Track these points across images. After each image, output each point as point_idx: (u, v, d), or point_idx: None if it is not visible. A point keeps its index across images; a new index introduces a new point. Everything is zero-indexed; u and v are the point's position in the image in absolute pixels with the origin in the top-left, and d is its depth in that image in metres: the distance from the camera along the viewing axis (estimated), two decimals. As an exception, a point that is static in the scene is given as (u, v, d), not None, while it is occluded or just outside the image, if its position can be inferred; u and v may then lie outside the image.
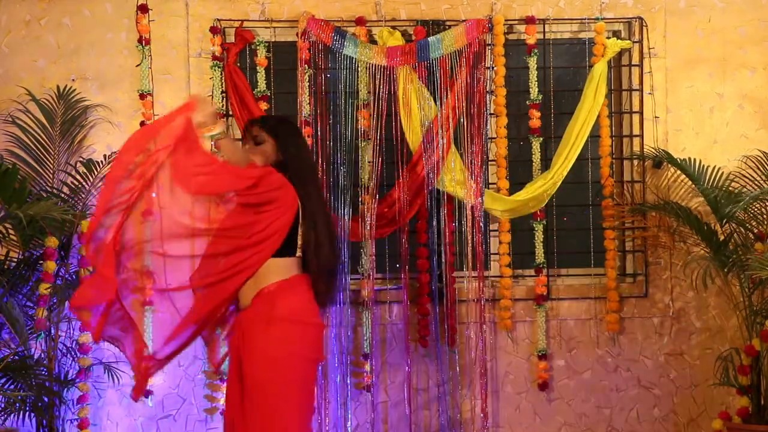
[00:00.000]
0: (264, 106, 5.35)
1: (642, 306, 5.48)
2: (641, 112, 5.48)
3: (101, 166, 5.17)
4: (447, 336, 5.34)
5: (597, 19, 5.44)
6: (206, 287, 3.71)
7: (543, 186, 5.33)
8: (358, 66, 5.36)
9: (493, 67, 5.40)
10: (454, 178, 5.33)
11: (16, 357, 4.90)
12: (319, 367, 5.34)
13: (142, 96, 5.35)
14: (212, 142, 3.69)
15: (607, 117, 5.40)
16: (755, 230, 5.09)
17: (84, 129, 5.35)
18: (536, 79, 5.40)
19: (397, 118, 5.32)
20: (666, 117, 5.49)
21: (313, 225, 3.71)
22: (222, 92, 5.35)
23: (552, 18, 5.47)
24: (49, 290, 4.89)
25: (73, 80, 5.37)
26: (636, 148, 5.48)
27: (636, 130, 5.49)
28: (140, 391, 3.82)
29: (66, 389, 5.02)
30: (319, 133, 5.36)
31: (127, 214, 3.56)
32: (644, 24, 5.47)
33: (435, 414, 5.39)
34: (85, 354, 5.07)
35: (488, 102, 5.41)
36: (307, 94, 5.35)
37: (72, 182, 5.17)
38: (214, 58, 5.33)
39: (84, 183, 5.15)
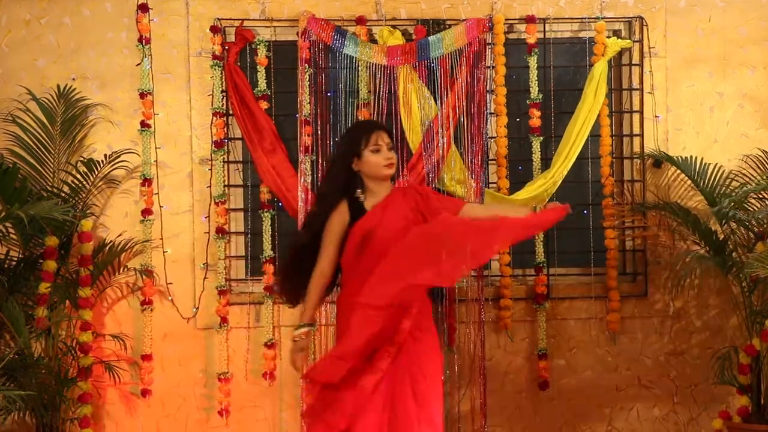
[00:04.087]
0: (264, 105, 5.35)
1: (642, 305, 5.48)
2: (641, 112, 5.48)
3: (101, 165, 5.18)
4: (446, 335, 5.34)
5: (597, 18, 5.44)
6: None
7: (543, 185, 5.32)
8: (358, 65, 5.36)
9: (493, 67, 5.40)
10: (454, 177, 5.33)
11: (17, 356, 4.90)
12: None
13: (142, 95, 5.35)
14: None
15: (608, 116, 5.40)
16: (755, 230, 5.08)
17: (84, 128, 5.35)
18: (536, 78, 5.40)
19: (398, 118, 5.32)
20: (666, 116, 5.49)
21: None
22: (222, 91, 5.35)
23: (552, 17, 5.46)
24: (49, 289, 4.90)
25: (74, 79, 5.37)
26: (636, 148, 5.47)
27: (636, 130, 5.49)
28: None
29: (66, 388, 5.03)
30: (319, 132, 5.36)
31: None
32: (644, 23, 5.47)
33: (435, 413, 5.38)
34: (86, 353, 5.07)
35: (488, 101, 5.41)
36: (308, 93, 5.35)
37: (72, 181, 5.17)
38: (215, 57, 5.33)
39: (84, 182, 5.16)
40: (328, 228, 4.01)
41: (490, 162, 5.44)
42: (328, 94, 5.41)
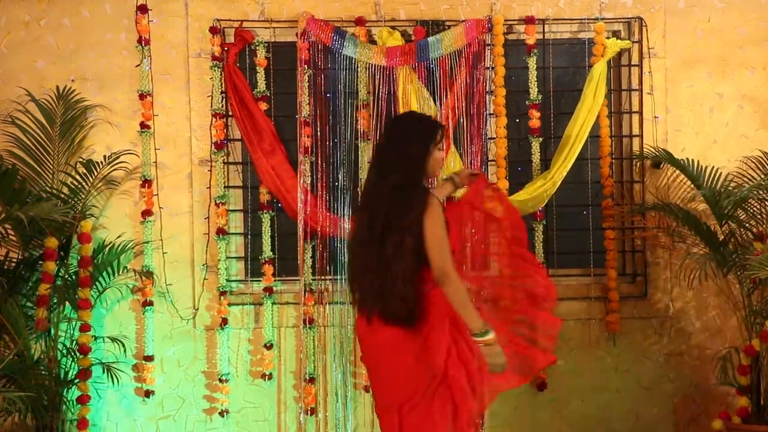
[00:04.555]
0: (263, 106, 5.35)
1: (641, 306, 5.48)
2: (641, 112, 5.47)
3: (101, 166, 5.17)
4: (446, 336, 5.34)
5: (596, 19, 5.44)
6: None
7: (542, 186, 5.32)
8: (357, 66, 5.36)
9: (492, 67, 5.40)
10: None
11: (16, 357, 4.90)
12: (316, 368, 5.35)
13: (141, 96, 5.35)
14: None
15: (607, 117, 5.40)
16: (754, 230, 5.08)
17: (83, 129, 5.35)
18: (536, 79, 5.40)
19: (397, 119, 5.32)
20: (665, 117, 5.49)
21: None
22: (221, 92, 5.35)
23: (551, 18, 5.46)
24: (48, 291, 4.90)
25: (73, 81, 5.37)
26: (635, 148, 5.47)
27: (636, 130, 5.49)
28: None
29: (66, 389, 5.03)
30: (318, 133, 5.36)
31: None
32: (644, 24, 5.46)
33: (435, 414, 5.38)
34: (85, 354, 5.07)
35: (488, 102, 5.41)
36: (307, 94, 5.35)
37: (72, 183, 5.17)
38: (214, 58, 5.33)
39: (84, 183, 5.16)
40: (441, 224, 3.65)
41: (489, 163, 5.44)
42: (327, 95, 5.41)
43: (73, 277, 5.10)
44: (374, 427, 5.36)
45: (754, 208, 5.08)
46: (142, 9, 5.34)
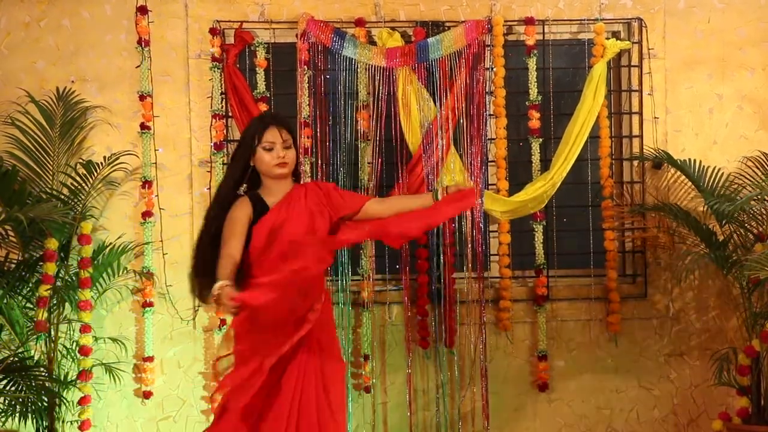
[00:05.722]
0: (263, 107, 5.34)
1: (641, 307, 5.48)
2: (641, 113, 5.48)
3: (101, 167, 5.17)
4: (446, 337, 5.35)
5: (596, 20, 5.44)
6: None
7: (542, 187, 5.33)
8: (357, 67, 5.36)
9: (492, 68, 5.40)
10: (453, 179, 5.33)
11: (16, 358, 4.90)
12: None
13: (141, 97, 5.35)
14: None
15: (607, 118, 5.40)
16: (755, 231, 5.09)
17: (83, 130, 5.35)
18: (536, 80, 5.40)
19: (397, 119, 5.32)
20: (665, 118, 5.49)
21: None
22: (221, 93, 5.35)
23: (551, 19, 5.46)
24: (49, 292, 4.90)
25: (73, 82, 5.37)
26: (635, 149, 5.48)
27: (635, 131, 5.49)
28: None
29: (66, 390, 5.03)
30: (318, 134, 5.36)
31: None
32: (643, 25, 5.47)
33: (435, 415, 5.39)
34: (86, 355, 5.07)
35: (488, 103, 5.41)
36: (307, 95, 5.35)
37: (72, 184, 5.17)
38: (214, 59, 5.33)
39: (84, 184, 5.15)
40: (230, 220, 3.73)
41: (489, 163, 5.44)
42: (327, 95, 5.41)
43: (73, 278, 5.10)
44: (374, 427, 5.37)
45: (754, 209, 5.08)
46: (142, 10, 5.34)
